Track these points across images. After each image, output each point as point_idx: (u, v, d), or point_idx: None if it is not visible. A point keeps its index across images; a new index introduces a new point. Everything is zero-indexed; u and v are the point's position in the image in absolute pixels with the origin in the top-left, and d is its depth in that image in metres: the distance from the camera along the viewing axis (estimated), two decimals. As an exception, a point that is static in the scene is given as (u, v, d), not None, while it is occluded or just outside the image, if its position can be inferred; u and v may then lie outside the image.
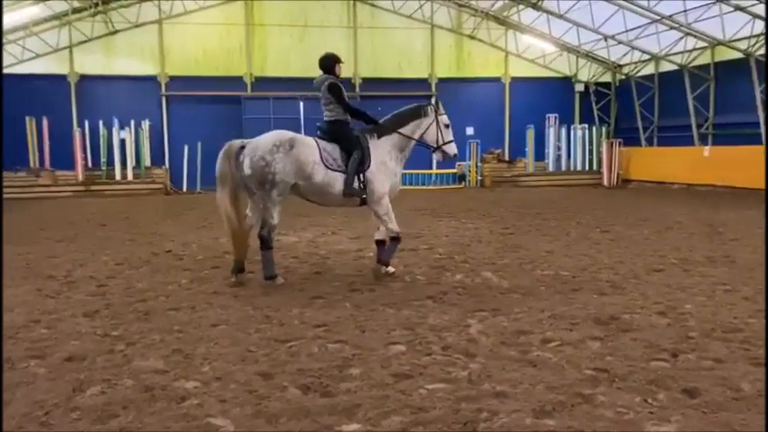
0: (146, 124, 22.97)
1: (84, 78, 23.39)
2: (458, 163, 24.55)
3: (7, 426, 3.39)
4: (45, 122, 22.37)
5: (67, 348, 4.68)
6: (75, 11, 22.43)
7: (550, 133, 24.90)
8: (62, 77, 23.14)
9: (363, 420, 3.44)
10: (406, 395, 3.76)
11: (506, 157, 25.72)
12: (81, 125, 22.78)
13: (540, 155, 24.98)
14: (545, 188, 22.72)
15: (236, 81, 24.26)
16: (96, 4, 22.36)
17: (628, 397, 3.69)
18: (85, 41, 23.14)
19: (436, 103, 7.65)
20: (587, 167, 24.81)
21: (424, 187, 23.25)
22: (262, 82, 24.34)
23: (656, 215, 13.21)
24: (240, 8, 24.37)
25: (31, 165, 22.38)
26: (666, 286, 6.63)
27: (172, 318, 5.58)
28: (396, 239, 7.36)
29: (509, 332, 5.02)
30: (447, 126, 7.56)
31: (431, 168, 24.76)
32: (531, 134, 24.52)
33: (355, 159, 7.02)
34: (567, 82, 26.38)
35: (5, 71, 22.34)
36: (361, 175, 7.10)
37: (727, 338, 4.77)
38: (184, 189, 23.16)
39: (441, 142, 7.53)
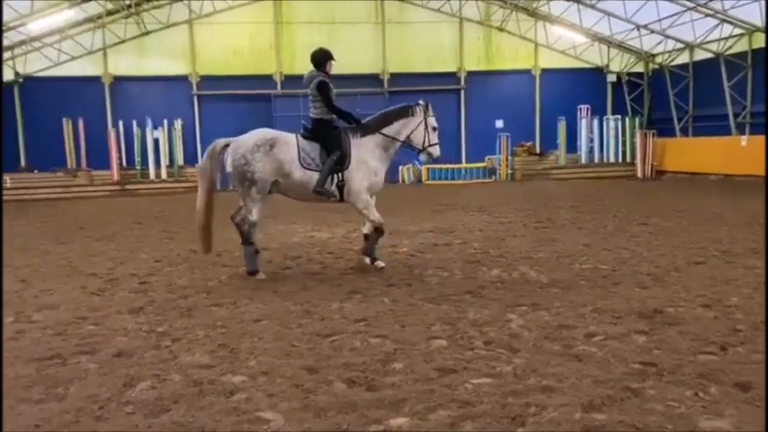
0: (178, 123, 23.35)
1: (118, 79, 23.83)
2: (488, 156, 24.45)
3: (63, 419, 3.46)
4: (81, 123, 22.90)
5: (116, 344, 4.78)
6: (109, 13, 22.81)
7: (582, 125, 24.64)
8: (96, 79, 23.62)
9: (410, 414, 3.44)
10: (451, 389, 3.76)
11: (537, 150, 25.52)
12: (115, 125, 23.26)
13: (571, 147, 24.75)
14: (577, 181, 22.48)
15: (266, 79, 24.47)
16: (129, 6, 22.71)
17: (678, 391, 3.63)
18: (119, 43, 23.55)
19: (426, 105, 7.56)
20: (620, 159, 24.49)
21: (453, 182, 23.14)
22: (291, 80, 24.39)
23: (693, 207, 12.97)
24: (269, 7, 24.54)
25: (68, 165, 22.91)
26: (710, 279, 6.51)
27: (214, 313, 5.65)
28: (378, 230, 7.41)
29: (551, 327, 4.97)
30: (435, 129, 7.54)
31: (460, 163, 24.66)
32: (562, 126, 24.30)
33: (333, 160, 7.08)
34: (598, 72, 26.05)
35: (43, 74, 22.90)
36: (340, 175, 7.16)
37: (776, 331, 4.67)
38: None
39: (427, 144, 7.50)
